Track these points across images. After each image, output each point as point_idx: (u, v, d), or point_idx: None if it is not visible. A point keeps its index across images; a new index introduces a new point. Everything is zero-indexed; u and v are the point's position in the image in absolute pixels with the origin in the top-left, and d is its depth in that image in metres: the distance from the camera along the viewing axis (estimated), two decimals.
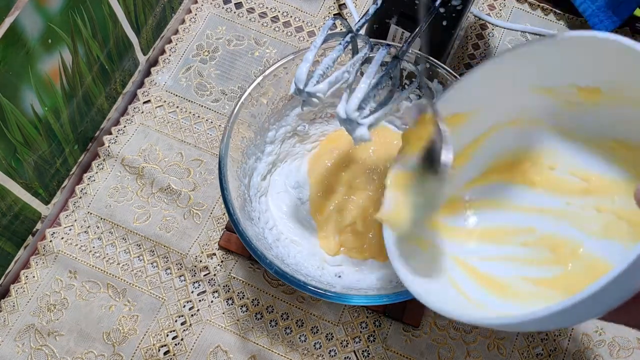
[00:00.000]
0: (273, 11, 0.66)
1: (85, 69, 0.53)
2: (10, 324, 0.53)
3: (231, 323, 0.53)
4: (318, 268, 0.51)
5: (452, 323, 0.54)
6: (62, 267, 0.55)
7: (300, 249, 0.52)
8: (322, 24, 0.65)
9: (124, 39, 0.57)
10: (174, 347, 0.53)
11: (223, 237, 0.55)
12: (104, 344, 0.53)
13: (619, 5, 0.60)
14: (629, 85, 0.35)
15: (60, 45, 0.49)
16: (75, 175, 0.58)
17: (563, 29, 0.65)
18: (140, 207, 0.57)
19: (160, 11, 0.62)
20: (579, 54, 0.36)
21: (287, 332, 0.53)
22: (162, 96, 0.62)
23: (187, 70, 0.63)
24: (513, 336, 0.53)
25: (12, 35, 0.43)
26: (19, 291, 0.54)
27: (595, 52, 0.35)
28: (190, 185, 0.58)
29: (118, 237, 0.56)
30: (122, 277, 0.55)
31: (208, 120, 0.61)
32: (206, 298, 0.54)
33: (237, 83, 0.62)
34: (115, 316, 0.53)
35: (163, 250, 0.56)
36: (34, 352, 0.52)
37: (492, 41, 0.64)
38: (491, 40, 0.64)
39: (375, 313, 0.54)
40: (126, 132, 0.60)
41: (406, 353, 0.53)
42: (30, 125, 0.49)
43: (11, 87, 0.45)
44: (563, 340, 0.53)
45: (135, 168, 0.59)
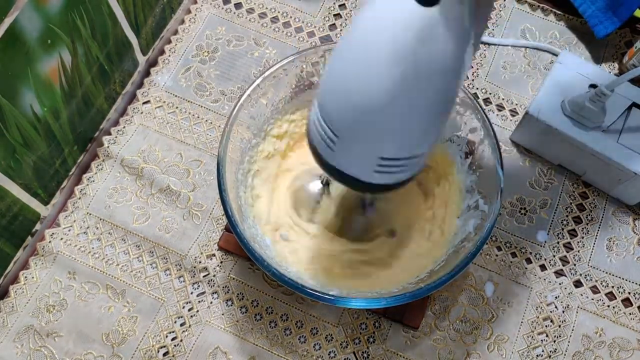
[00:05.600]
0: (273, 11, 0.66)
1: (85, 70, 0.53)
2: (9, 325, 0.53)
3: (230, 324, 0.53)
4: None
5: (452, 324, 0.54)
6: (61, 268, 0.55)
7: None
8: (322, 25, 0.65)
9: (123, 39, 0.57)
10: (173, 348, 0.52)
11: (222, 238, 0.55)
12: (103, 345, 0.52)
13: (619, 7, 0.60)
14: None
15: (59, 46, 0.49)
16: (75, 175, 0.58)
17: (563, 29, 0.65)
18: (139, 207, 0.57)
19: (160, 11, 0.62)
20: None
21: (287, 333, 0.53)
22: (161, 97, 0.62)
23: (186, 71, 0.63)
24: (513, 338, 0.53)
25: (12, 36, 0.43)
26: (18, 292, 0.54)
27: None
28: (190, 186, 0.58)
29: (117, 238, 0.56)
30: (121, 278, 0.55)
31: (207, 121, 0.60)
32: (205, 299, 0.54)
33: (237, 83, 0.62)
34: (115, 317, 0.53)
35: (162, 251, 0.56)
36: (33, 353, 0.52)
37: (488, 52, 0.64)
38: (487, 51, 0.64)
39: (375, 314, 0.54)
40: (125, 132, 0.60)
41: (406, 354, 0.53)
42: (29, 125, 0.49)
43: (10, 88, 0.45)
44: (563, 341, 0.53)
45: (135, 169, 0.58)
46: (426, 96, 0.33)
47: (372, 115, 0.33)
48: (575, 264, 0.56)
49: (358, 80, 0.33)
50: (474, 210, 0.49)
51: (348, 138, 0.35)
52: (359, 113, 0.33)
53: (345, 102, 0.34)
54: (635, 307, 0.54)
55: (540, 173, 0.59)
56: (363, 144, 0.35)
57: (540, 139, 0.57)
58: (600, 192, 0.58)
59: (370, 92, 0.32)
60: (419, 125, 0.34)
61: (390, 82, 0.31)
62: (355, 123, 0.34)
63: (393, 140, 0.34)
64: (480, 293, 0.55)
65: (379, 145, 0.35)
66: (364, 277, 0.50)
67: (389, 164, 0.35)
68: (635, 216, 0.57)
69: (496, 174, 0.47)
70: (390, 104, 0.32)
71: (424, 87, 0.32)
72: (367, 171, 0.36)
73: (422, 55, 0.31)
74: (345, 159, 0.36)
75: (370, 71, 0.32)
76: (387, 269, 0.50)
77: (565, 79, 0.56)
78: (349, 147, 0.35)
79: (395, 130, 0.34)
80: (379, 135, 0.34)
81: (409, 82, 0.32)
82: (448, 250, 0.49)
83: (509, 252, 0.56)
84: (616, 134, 0.54)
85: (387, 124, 0.33)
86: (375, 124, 0.33)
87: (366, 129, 0.34)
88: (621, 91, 0.55)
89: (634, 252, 0.56)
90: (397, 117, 0.33)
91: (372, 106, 0.32)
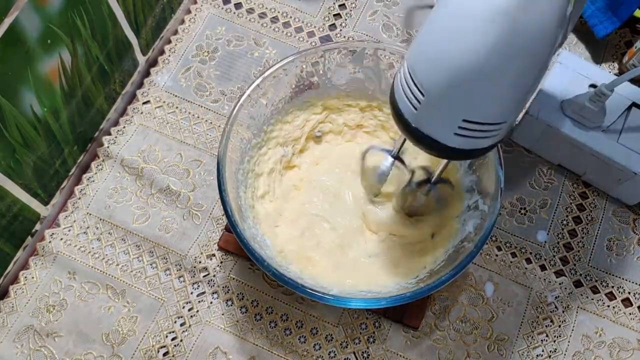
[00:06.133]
0: (273, 12, 0.66)
1: (85, 70, 0.53)
2: (9, 325, 0.53)
3: (230, 324, 0.53)
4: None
5: (452, 324, 0.54)
6: (61, 268, 0.55)
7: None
8: (321, 25, 0.65)
9: (123, 39, 0.57)
10: (173, 348, 0.52)
11: (222, 238, 0.55)
12: (103, 345, 0.52)
13: (619, 7, 0.60)
14: None
15: (59, 46, 0.49)
16: (75, 176, 0.58)
17: None
18: (139, 207, 0.57)
19: (160, 12, 0.62)
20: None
21: (287, 334, 0.53)
22: (161, 97, 0.62)
23: (186, 71, 0.63)
24: (513, 338, 0.53)
25: (12, 36, 0.43)
26: (18, 292, 0.54)
27: None
28: (190, 186, 0.58)
29: (117, 238, 0.56)
30: (121, 278, 0.55)
31: (207, 121, 0.60)
32: (205, 299, 0.54)
33: (237, 83, 0.62)
34: (115, 317, 0.53)
35: (162, 251, 0.56)
36: (33, 353, 0.52)
37: None
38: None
39: (375, 314, 0.54)
40: (125, 132, 0.60)
41: (406, 354, 0.53)
42: (29, 125, 0.49)
43: (10, 88, 0.45)
44: (563, 341, 0.53)
45: (135, 169, 0.58)
46: (519, 63, 0.33)
47: (463, 74, 0.33)
48: (575, 264, 0.56)
49: (452, 39, 0.33)
50: (474, 211, 0.49)
51: (435, 97, 0.35)
52: (450, 72, 0.34)
53: (436, 61, 0.34)
54: (635, 307, 0.54)
55: (540, 173, 0.59)
56: (449, 104, 0.35)
57: (540, 139, 0.57)
58: (600, 192, 0.58)
59: (464, 51, 0.33)
60: (507, 91, 0.34)
61: (484, 43, 0.32)
62: (445, 82, 0.34)
63: (479, 103, 0.35)
64: (480, 293, 0.55)
65: (464, 107, 0.35)
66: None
67: (471, 127, 0.35)
68: (635, 216, 0.57)
69: (496, 174, 0.47)
70: (482, 66, 0.33)
71: (519, 53, 0.32)
72: (448, 133, 0.36)
73: (520, 20, 0.31)
74: (428, 119, 0.37)
75: (467, 31, 0.32)
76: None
77: (565, 79, 0.56)
78: (435, 107, 0.36)
79: (483, 93, 0.34)
80: (467, 96, 0.34)
81: (504, 46, 0.32)
82: (448, 250, 0.49)
83: (509, 252, 0.56)
84: (616, 134, 0.54)
85: (476, 85, 0.34)
86: (464, 85, 0.34)
87: (455, 89, 0.34)
88: (621, 91, 0.54)
89: (634, 252, 0.56)
90: (487, 80, 0.33)
91: (464, 66, 0.33)
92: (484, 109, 0.35)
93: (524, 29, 0.31)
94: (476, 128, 0.36)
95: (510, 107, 0.36)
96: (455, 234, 0.50)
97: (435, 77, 0.34)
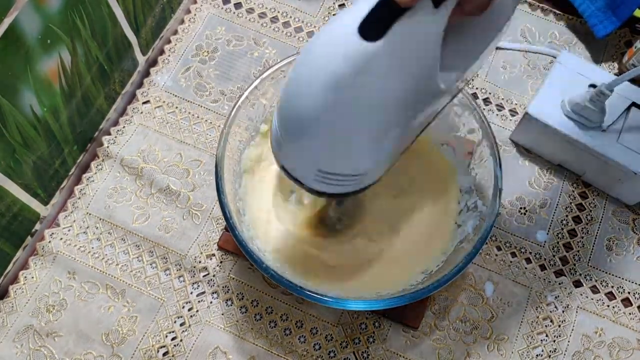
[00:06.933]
0: (272, 11, 0.66)
1: (85, 70, 0.53)
2: (9, 325, 0.53)
3: (230, 324, 0.53)
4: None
5: (452, 324, 0.54)
6: (61, 267, 0.55)
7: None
8: (321, 24, 0.65)
9: (123, 39, 0.57)
10: (173, 348, 0.53)
11: (222, 238, 0.55)
12: (103, 344, 0.53)
13: (619, 6, 0.60)
14: None
15: (59, 46, 0.49)
16: (74, 175, 0.58)
17: (563, 29, 0.65)
18: (139, 207, 0.57)
19: (160, 11, 0.62)
20: None
21: (287, 333, 0.53)
22: (161, 96, 0.62)
23: (186, 71, 0.63)
24: (513, 337, 0.53)
25: (11, 36, 0.43)
26: (17, 292, 0.54)
27: None
28: (190, 185, 0.58)
29: (117, 237, 0.56)
30: (121, 277, 0.55)
31: (207, 121, 0.60)
32: (205, 299, 0.54)
33: (237, 83, 0.62)
34: (114, 317, 0.53)
35: (162, 251, 0.56)
36: (32, 353, 0.52)
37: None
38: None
39: (374, 314, 0.54)
40: (125, 132, 0.60)
41: (406, 354, 0.53)
42: (29, 125, 0.49)
43: (10, 88, 0.45)
44: (563, 341, 0.53)
45: (134, 169, 0.59)
46: (359, 124, 0.33)
47: (306, 127, 0.34)
48: (575, 264, 0.56)
49: (298, 93, 0.33)
50: (473, 211, 0.49)
51: (289, 142, 0.36)
52: (296, 122, 0.34)
53: (286, 109, 0.35)
54: (635, 307, 0.54)
55: (540, 173, 0.59)
56: (300, 152, 0.36)
57: (540, 139, 0.57)
58: (600, 192, 0.58)
59: (305, 106, 0.33)
60: (349, 148, 0.35)
61: (321, 102, 0.32)
62: (293, 130, 0.35)
63: (326, 156, 0.35)
64: (480, 293, 0.55)
65: (314, 158, 0.35)
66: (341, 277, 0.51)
67: (327, 176, 0.36)
68: (635, 216, 0.57)
69: (494, 174, 0.47)
70: (320, 123, 0.33)
71: (357, 115, 0.33)
72: (309, 178, 0.37)
73: (357, 85, 0.31)
74: (289, 160, 0.37)
75: (308, 88, 0.32)
76: (361, 273, 0.51)
77: (565, 79, 0.56)
78: (291, 151, 0.36)
79: (327, 147, 0.35)
80: (313, 147, 0.35)
81: (341, 107, 0.32)
82: (447, 251, 0.49)
83: (509, 252, 0.56)
84: (616, 134, 0.54)
85: (318, 139, 0.34)
86: (308, 136, 0.34)
87: (301, 139, 0.35)
88: (621, 91, 0.54)
89: (633, 252, 0.56)
90: (327, 136, 0.34)
91: (305, 119, 0.33)
92: (334, 162, 0.35)
93: (359, 95, 0.32)
94: (333, 178, 0.36)
95: (362, 161, 0.36)
96: (451, 235, 0.50)
97: (287, 121, 0.35)
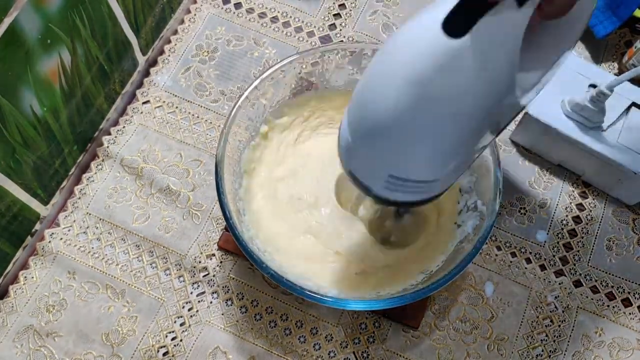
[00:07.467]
0: (272, 11, 0.66)
1: (85, 70, 0.53)
2: (9, 325, 0.53)
3: (230, 324, 0.53)
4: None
5: (452, 324, 0.54)
6: (61, 267, 0.55)
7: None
8: (321, 25, 0.65)
9: (123, 39, 0.57)
10: (173, 348, 0.53)
11: (222, 238, 0.55)
12: (102, 344, 0.53)
13: (619, 6, 0.60)
14: None
15: (59, 46, 0.49)
16: (74, 175, 0.58)
17: None
18: (139, 207, 0.57)
19: (160, 11, 0.62)
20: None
21: (287, 333, 0.53)
22: (161, 96, 0.62)
23: (186, 71, 0.63)
24: (513, 337, 0.53)
25: (11, 36, 0.43)
26: (17, 292, 0.54)
27: None
28: (190, 185, 0.58)
29: (117, 237, 0.56)
30: (121, 277, 0.55)
31: (207, 121, 0.60)
32: (205, 299, 0.54)
33: (237, 83, 0.62)
34: (114, 317, 0.53)
35: (162, 251, 0.56)
36: (32, 353, 0.52)
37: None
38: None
39: (374, 314, 0.54)
40: (125, 132, 0.60)
41: (406, 354, 0.53)
42: (29, 125, 0.49)
43: (10, 88, 0.45)
44: (563, 341, 0.53)
45: (134, 169, 0.58)
46: (437, 127, 0.32)
47: (381, 128, 0.32)
48: (575, 264, 0.56)
49: (375, 92, 0.32)
50: (473, 211, 0.49)
51: (360, 144, 0.35)
52: (370, 122, 0.33)
53: (361, 110, 0.34)
54: (635, 307, 0.54)
55: (540, 173, 0.59)
56: (372, 156, 0.35)
57: (540, 139, 0.57)
58: (600, 192, 0.58)
59: (382, 107, 0.32)
60: (426, 152, 0.34)
61: (400, 100, 0.31)
62: (367, 131, 0.34)
63: (400, 160, 0.34)
64: (480, 293, 0.55)
65: (387, 162, 0.34)
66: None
67: (398, 182, 0.35)
68: (635, 216, 0.57)
69: (494, 175, 0.47)
70: (397, 125, 0.32)
71: (437, 117, 0.32)
72: (378, 184, 0.36)
73: (437, 84, 0.30)
74: (359, 166, 0.36)
75: (387, 87, 0.31)
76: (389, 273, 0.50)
77: (565, 79, 0.56)
78: (361, 155, 0.35)
79: (401, 151, 0.33)
80: (386, 151, 0.34)
81: (420, 108, 0.31)
82: (447, 252, 0.49)
83: (509, 252, 0.56)
84: (616, 134, 0.54)
85: (393, 142, 0.33)
86: (382, 140, 0.33)
87: (374, 142, 0.34)
88: (621, 91, 0.54)
89: (633, 252, 0.56)
90: (404, 138, 0.33)
91: (382, 119, 0.32)
92: (406, 167, 0.34)
93: (440, 96, 0.31)
94: (404, 184, 0.35)
95: (437, 167, 0.35)
96: (451, 236, 0.50)
97: (359, 123, 0.34)
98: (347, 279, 0.50)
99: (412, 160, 0.34)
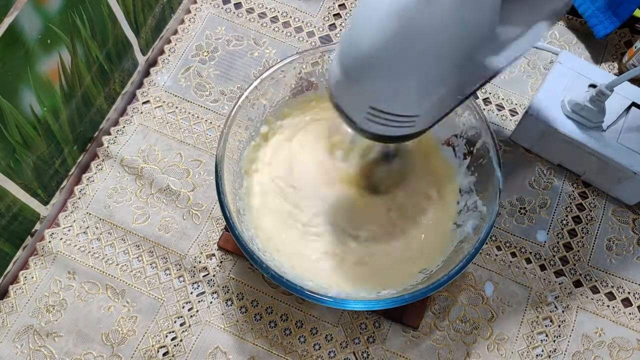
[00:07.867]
0: (272, 11, 0.66)
1: (84, 70, 0.53)
2: (8, 325, 0.53)
3: (230, 324, 0.53)
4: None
5: (452, 324, 0.54)
6: (61, 267, 0.55)
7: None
8: (321, 24, 0.65)
9: (123, 39, 0.57)
10: (172, 348, 0.53)
11: (222, 238, 0.55)
12: (102, 345, 0.53)
13: (619, 6, 0.60)
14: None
15: (59, 46, 0.49)
16: (74, 175, 0.58)
17: (563, 29, 0.65)
18: (139, 207, 0.57)
19: (160, 11, 0.62)
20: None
21: (287, 334, 0.53)
22: (161, 96, 0.62)
23: (186, 71, 0.63)
24: (513, 337, 0.53)
25: (11, 36, 0.43)
26: (17, 292, 0.54)
27: None
28: (190, 185, 0.58)
29: (117, 237, 0.56)
30: (121, 277, 0.55)
31: (207, 121, 0.60)
32: (205, 299, 0.54)
33: (237, 83, 0.62)
34: (114, 317, 0.53)
35: (162, 251, 0.56)
36: (32, 353, 0.52)
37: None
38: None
39: (374, 314, 0.54)
40: (125, 132, 0.60)
41: (406, 354, 0.53)
42: (29, 125, 0.49)
43: (10, 88, 0.45)
44: (563, 341, 0.53)
45: (134, 168, 0.59)
46: (415, 61, 0.33)
47: (363, 60, 0.34)
48: (575, 264, 0.56)
49: (361, 22, 0.34)
50: (473, 211, 0.49)
51: (345, 76, 0.36)
52: (353, 56, 0.35)
53: (346, 42, 0.35)
54: (635, 307, 0.54)
55: (540, 173, 0.59)
56: (354, 88, 0.36)
57: (540, 139, 0.57)
58: (600, 192, 0.58)
59: (365, 36, 0.33)
60: (402, 86, 0.35)
61: (383, 31, 0.32)
62: (351, 64, 0.35)
63: (381, 92, 0.35)
64: (480, 293, 0.55)
65: (367, 93, 0.36)
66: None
67: (379, 114, 0.36)
68: (635, 216, 0.57)
69: (494, 175, 0.47)
70: (377, 56, 0.33)
71: (415, 51, 0.33)
72: (360, 116, 0.37)
73: (419, 17, 0.31)
74: (344, 97, 0.38)
75: (370, 20, 0.33)
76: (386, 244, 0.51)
77: (565, 78, 0.56)
78: (347, 87, 0.37)
79: (382, 82, 0.35)
80: (368, 81, 0.35)
81: (402, 39, 0.32)
82: (446, 252, 0.49)
83: (509, 252, 0.56)
84: (616, 134, 0.54)
85: (375, 73, 0.34)
86: (365, 70, 0.35)
87: (356, 74, 0.35)
88: (621, 91, 0.55)
89: (633, 252, 0.56)
90: (385, 70, 0.34)
91: (363, 53, 0.34)
92: (387, 99, 0.36)
93: (422, 27, 0.32)
94: (385, 117, 0.36)
95: (417, 102, 0.36)
96: (451, 236, 0.50)
97: (346, 55, 0.35)
98: (347, 273, 0.50)
99: (389, 93, 0.36)
